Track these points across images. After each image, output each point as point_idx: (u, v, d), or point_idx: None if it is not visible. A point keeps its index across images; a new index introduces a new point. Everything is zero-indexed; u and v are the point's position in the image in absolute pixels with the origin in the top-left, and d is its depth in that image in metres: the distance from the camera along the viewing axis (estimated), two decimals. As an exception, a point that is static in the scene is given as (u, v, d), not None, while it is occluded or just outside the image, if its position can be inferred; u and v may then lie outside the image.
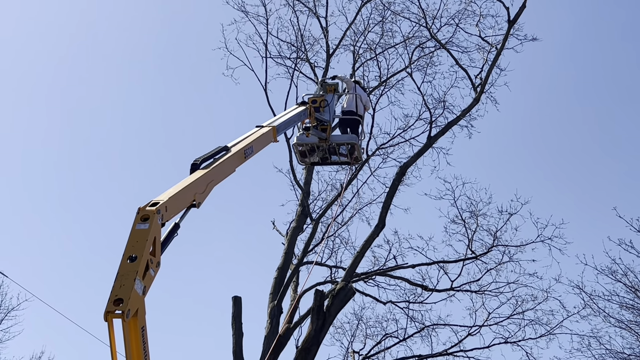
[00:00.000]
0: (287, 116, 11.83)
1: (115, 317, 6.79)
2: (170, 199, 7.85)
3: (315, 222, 21.02)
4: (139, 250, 7.19)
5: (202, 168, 8.90)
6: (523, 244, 21.09)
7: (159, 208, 7.56)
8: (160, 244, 7.55)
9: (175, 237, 8.04)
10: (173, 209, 7.92)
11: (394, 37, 22.29)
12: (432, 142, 20.24)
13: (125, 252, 7.19)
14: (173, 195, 7.94)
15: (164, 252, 7.75)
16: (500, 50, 19.98)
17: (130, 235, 7.32)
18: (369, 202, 22.63)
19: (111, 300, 6.82)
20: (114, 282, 6.98)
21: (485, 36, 20.89)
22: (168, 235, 7.94)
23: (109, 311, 6.78)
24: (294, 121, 12.10)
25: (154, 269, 7.36)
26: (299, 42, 22.00)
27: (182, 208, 8.20)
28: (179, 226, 8.13)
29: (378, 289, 21.66)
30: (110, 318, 6.78)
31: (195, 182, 8.51)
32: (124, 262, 7.12)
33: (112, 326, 6.81)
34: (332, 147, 13.67)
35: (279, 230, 22.24)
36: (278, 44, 22.17)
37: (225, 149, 9.55)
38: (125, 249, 7.22)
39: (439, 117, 21.01)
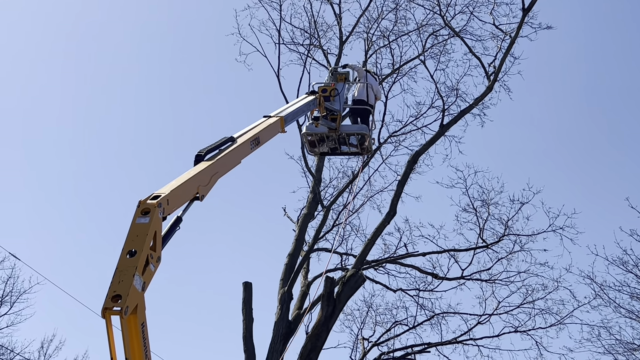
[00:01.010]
0: (296, 106, 11.53)
1: (113, 313, 6.54)
2: (173, 191, 7.58)
3: (327, 210, 20.82)
4: (139, 245, 6.93)
5: (207, 159, 8.61)
6: (534, 233, 20.93)
7: (160, 201, 7.28)
8: (161, 239, 7.29)
9: (177, 231, 7.77)
10: (175, 202, 7.64)
11: (408, 24, 21.94)
12: (445, 131, 19.97)
13: (125, 246, 6.93)
14: (175, 188, 7.66)
15: (165, 247, 7.49)
16: (514, 38, 19.61)
17: (130, 230, 7.06)
18: (380, 190, 22.46)
19: (109, 297, 6.57)
20: (112, 277, 6.73)
21: (499, 24, 20.52)
22: (169, 229, 7.66)
23: (106, 308, 6.53)
24: (302, 111, 11.80)
25: (154, 264, 7.10)
26: (312, 28, 21.70)
27: (184, 201, 7.93)
28: (182, 220, 7.86)
29: (388, 276, 21.59)
30: (108, 315, 6.53)
31: (199, 174, 8.23)
32: (123, 257, 6.87)
33: (110, 323, 6.58)
34: (342, 137, 13.38)
35: (290, 217, 22.07)
36: (291, 30, 21.98)
37: (231, 140, 9.26)
38: (124, 243, 6.96)
39: (452, 105, 20.70)
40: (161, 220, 7.30)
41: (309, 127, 13.35)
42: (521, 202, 20.90)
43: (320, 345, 16.88)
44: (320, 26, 21.91)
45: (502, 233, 20.96)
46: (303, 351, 16.79)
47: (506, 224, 20.93)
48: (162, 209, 7.28)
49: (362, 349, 21.72)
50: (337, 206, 22.00)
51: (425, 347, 21.06)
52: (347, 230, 22.17)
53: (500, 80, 20.23)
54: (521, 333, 21.05)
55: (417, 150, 19.66)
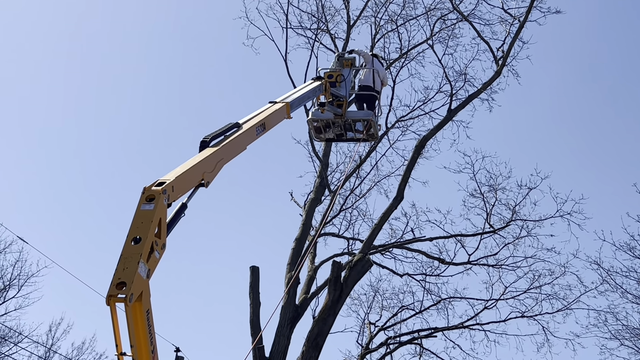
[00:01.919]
0: (302, 92, 11.48)
1: (118, 301, 6.54)
2: (178, 178, 7.56)
3: (333, 194, 20.80)
4: (144, 232, 6.91)
5: (212, 146, 8.58)
6: (542, 218, 20.91)
7: (165, 188, 7.26)
8: (166, 226, 7.28)
9: (182, 217, 7.76)
10: (180, 188, 7.62)
11: (416, 8, 21.88)
12: (452, 115, 19.89)
13: (130, 233, 6.92)
14: (180, 175, 7.64)
15: (171, 234, 7.49)
16: (523, 22, 19.48)
17: (135, 216, 7.05)
18: (387, 175, 22.42)
19: (114, 284, 6.57)
20: (117, 264, 6.73)
21: (508, 8, 20.38)
22: (174, 216, 7.65)
23: (111, 295, 6.52)
24: (308, 97, 11.75)
25: (159, 251, 7.10)
26: (320, 12, 21.59)
27: (189, 188, 7.90)
28: (187, 206, 7.84)
29: (395, 261, 21.61)
30: (112, 302, 6.53)
31: (204, 161, 8.21)
32: (127, 244, 6.86)
33: (114, 310, 6.58)
34: (347, 123, 13.32)
35: (297, 201, 22.07)
36: (299, 14, 21.85)
37: (237, 126, 9.23)
38: (129, 230, 6.95)
39: (460, 90, 20.62)
40: (166, 207, 7.29)
41: (314, 113, 13.30)
42: (529, 188, 20.88)
43: (327, 330, 16.93)
44: (328, 10, 21.82)
45: (509, 218, 20.95)
46: (310, 335, 16.84)
47: (513, 209, 20.92)
48: (167, 195, 7.26)
49: (368, 334, 21.78)
50: (344, 191, 22.00)
51: (431, 332, 21.11)
52: (354, 215, 22.19)
53: (508, 65, 20.12)
54: (528, 318, 21.08)
55: (425, 135, 19.59)
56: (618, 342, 20.86)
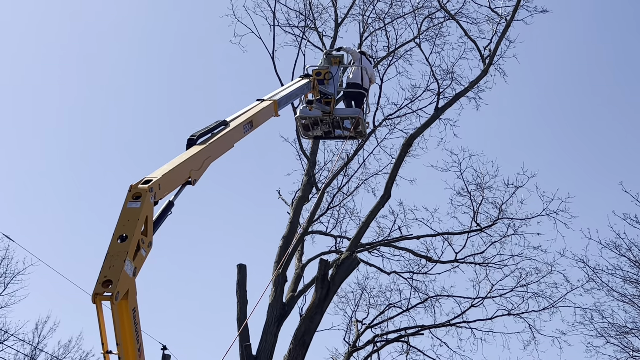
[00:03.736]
0: (290, 89, 11.44)
1: (104, 299, 6.49)
2: (164, 176, 7.51)
3: (321, 192, 20.76)
4: (130, 230, 6.87)
5: (199, 144, 8.53)
6: (528, 217, 20.99)
7: (152, 186, 7.22)
8: (152, 224, 7.23)
9: (168, 215, 7.71)
10: (167, 186, 7.58)
11: (403, 6, 21.89)
12: (440, 114, 19.88)
13: (116, 231, 6.87)
14: (167, 173, 7.59)
15: (157, 232, 7.44)
16: (510, 21, 19.52)
17: (121, 214, 7.00)
18: (374, 173, 22.48)
19: (100, 282, 6.52)
20: (103, 262, 6.67)
21: (495, 7, 20.40)
22: (161, 214, 7.60)
23: (97, 293, 6.47)
24: (296, 94, 11.71)
25: (145, 249, 7.05)
26: (307, 10, 21.55)
27: (176, 185, 7.86)
28: (173, 204, 7.79)
29: (382, 259, 21.67)
30: (98, 300, 6.48)
31: (191, 159, 8.16)
32: (114, 242, 6.81)
33: (100, 308, 6.53)
34: (335, 121, 13.29)
35: (284, 199, 22.08)
36: (286, 11, 21.79)
37: (224, 124, 9.18)
38: (115, 228, 6.90)
39: (447, 88, 20.65)
40: (152, 204, 7.24)
41: (302, 111, 13.26)
42: (515, 186, 20.95)
43: (314, 328, 16.90)
44: (316, 8, 21.80)
45: (496, 216, 21.01)
46: (297, 333, 16.81)
47: (500, 207, 20.98)
48: (153, 193, 7.22)
49: (355, 331, 21.78)
50: (332, 189, 21.99)
51: (418, 330, 21.14)
52: (341, 213, 22.18)
53: (495, 63, 20.18)
54: (514, 316, 21.14)
55: (412, 134, 19.58)
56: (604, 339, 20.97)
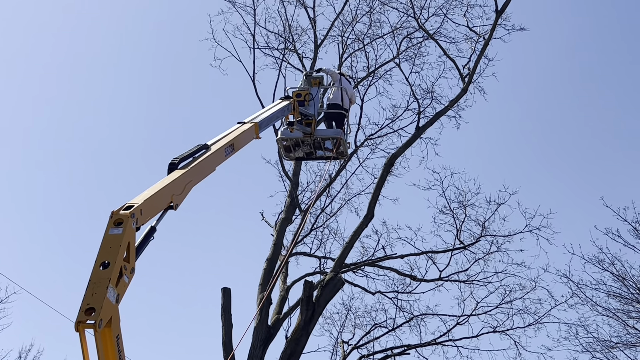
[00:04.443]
0: (271, 111, 11.48)
1: (87, 327, 6.46)
2: (146, 201, 7.51)
3: (304, 213, 20.76)
4: (112, 257, 6.86)
5: (180, 168, 8.54)
6: (511, 233, 21.02)
7: (134, 212, 7.22)
8: (134, 250, 7.22)
9: (151, 241, 7.70)
10: (149, 212, 7.58)
11: (382, 27, 22.00)
12: (421, 133, 20.02)
13: (98, 258, 6.86)
14: (149, 198, 7.59)
15: (139, 258, 7.42)
16: (488, 40, 19.73)
17: (103, 241, 6.99)
18: (357, 193, 22.50)
19: (82, 310, 6.49)
20: (85, 289, 6.65)
21: (473, 26, 20.65)
22: (143, 239, 7.60)
23: (80, 321, 6.45)
24: (277, 116, 11.76)
25: (128, 275, 7.03)
26: (287, 32, 21.68)
27: (158, 211, 7.86)
28: (155, 230, 7.80)
29: (367, 279, 21.55)
30: (81, 328, 6.45)
31: (172, 183, 8.16)
32: (96, 269, 6.79)
33: (84, 336, 6.49)
34: (317, 142, 13.36)
35: (267, 221, 22.01)
36: (266, 34, 21.92)
37: (205, 148, 9.21)
38: (97, 255, 6.89)
39: (427, 107, 20.81)
40: (134, 230, 7.24)
41: (283, 132, 13.32)
42: (497, 203, 21.02)
43: (300, 350, 16.81)
44: (295, 30, 21.92)
45: (479, 234, 21.03)
46: (283, 356, 16.71)
47: (483, 225, 21.01)
48: (135, 219, 7.22)
49: (342, 353, 21.68)
50: (315, 210, 21.98)
51: (404, 349, 21.06)
52: (325, 234, 22.16)
53: (474, 82, 20.34)
54: (500, 333, 21.11)
55: (394, 153, 19.68)
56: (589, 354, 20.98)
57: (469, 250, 21.05)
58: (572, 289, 20.95)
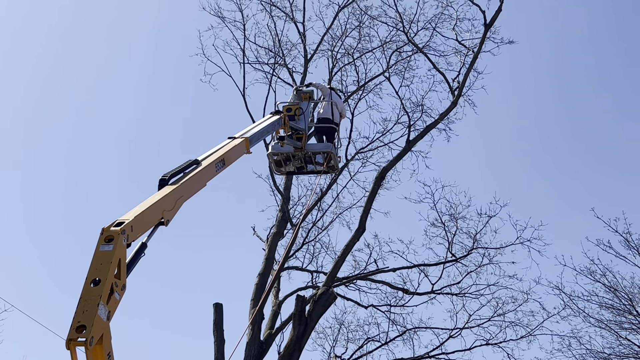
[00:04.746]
0: (261, 126, 11.51)
1: (78, 344, 6.43)
2: (137, 217, 7.50)
3: (296, 228, 20.75)
4: (103, 274, 6.84)
5: (171, 184, 8.54)
6: (502, 246, 21.03)
7: (124, 228, 7.20)
8: (125, 266, 7.20)
9: (142, 257, 7.69)
10: (139, 228, 7.56)
11: (372, 41, 22.11)
12: (411, 146, 20.12)
13: (89, 275, 6.83)
14: (139, 214, 7.58)
15: (130, 274, 7.40)
16: (477, 53, 19.89)
17: (94, 258, 6.97)
18: (349, 207, 22.45)
19: (73, 327, 6.46)
20: (76, 307, 6.62)
21: (462, 40, 20.79)
22: (134, 256, 7.59)
23: (71, 339, 6.41)
24: (268, 131, 11.79)
25: (119, 292, 7.01)
26: (277, 47, 21.77)
27: (149, 227, 7.85)
28: (146, 246, 7.78)
29: (359, 293, 21.52)
30: (72, 346, 6.41)
31: (163, 199, 8.15)
32: (87, 286, 6.77)
33: (74, 354, 6.45)
34: (307, 156, 13.39)
35: (259, 236, 21.99)
36: (256, 49, 21.93)
37: (196, 163, 9.22)
38: (88, 272, 6.87)
39: (418, 120, 20.93)
40: (125, 247, 7.23)
41: (274, 147, 13.34)
42: (489, 216, 21.05)
43: (293, 365, 16.75)
44: (285, 45, 22.00)
45: (470, 247, 21.04)
46: (275, 371, 16.67)
47: (474, 237, 21.03)
48: (126, 235, 7.20)
49: (335, 367, 21.62)
50: (307, 224, 21.98)
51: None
52: (316, 248, 22.15)
53: (464, 95, 20.48)
54: (493, 346, 21.06)
55: (385, 167, 19.76)
56: (583, 366, 20.99)
57: (461, 263, 21.08)
58: (564, 301, 21.02)
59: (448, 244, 20.99)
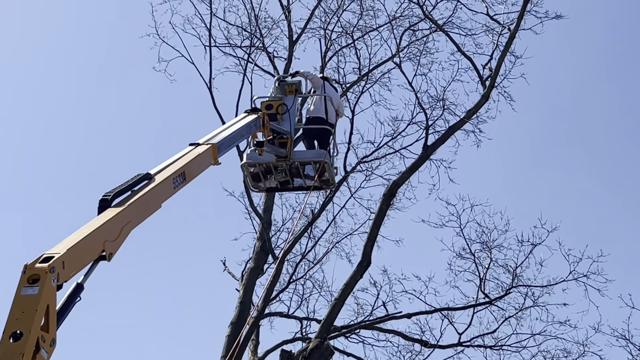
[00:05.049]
0: (233, 128, 11.50)
1: None
2: (70, 250, 7.45)
3: (279, 261, 20.75)
4: (26, 325, 6.79)
5: (115, 206, 8.52)
6: (551, 283, 21.11)
7: (54, 265, 7.16)
8: (55, 315, 7.16)
9: (77, 302, 7.65)
10: (74, 264, 7.52)
11: (377, 17, 22.22)
12: (430, 153, 20.18)
13: (7, 327, 6.78)
14: (73, 246, 7.54)
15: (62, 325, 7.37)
16: (515, 31, 19.97)
17: (14, 304, 6.92)
18: (348, 233, 22.57)
19: None
20: (-9, 369, 6.60)
21: (494, 14, 20.93)
22: (67, 301, 7.54)
23: None
24: (242, 135, 11.77)
25: (47, 348, 6.96)
26: (253, 25, 21.85)
27: (86, 262, 7.81)
28: (83, 287, 7.73)
29: (364, 345, 21.55)
30: None
31: (104, 226, 8.11)
32: (5, 341, 6.71)
33: None
34: (294, 168, 13.40)
35: (231, 272, 22.06)
36: (225, 28, 22.01)
37: (147, 178, 9.19)
38: (6, 322, 6.82)
39: (438, 120, 21.07)
40: (55, 289, 7.18)
41: (250, 156, 13.35)
42: (532, 244, 21.13)
43: None
44: (264, 22, 22.12)
45: (509, 284, 21.12)
46: None
47: (514, 272, 21.10)
48: (55, 274, 7.16)
49: None
50: (294, 256, 21.99)
51: None
52: (307, 288, 22.16)
53: (498, 86, 20.53)
54: (539, 413, 21.14)
55: (395, 180, 19.82)
56: None
57: (497, 306, 21.15)
58: (632, 354, 21.02)
59: (479, 281, 21.07)
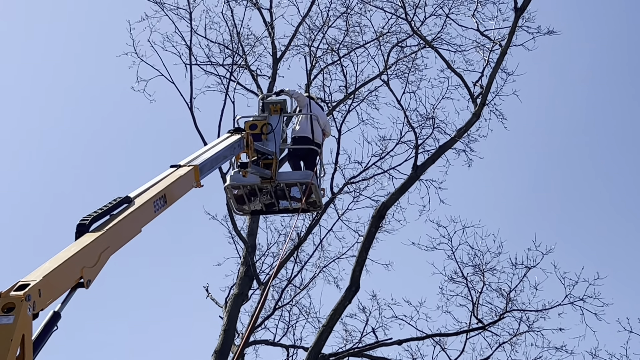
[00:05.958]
0: (216, 149, 11.52)
1: None
2: (46, 278, 7.43)
3: (265, 287, 20.73)
4: (1, 355, 6.77)
5: (93, 231, 8.50)
6: (546, 307, 21.11)
7: (29, 293, 7.13)
8: (31, 345, 7.13)
9: (54, 332, 7.62)
10: (50, 292, 7.50)
11: (364, 33, 22.31)
12: (420, 173, 20.27)
13: (-20, 358, 6.77)
14: (49, 273, 7.52)
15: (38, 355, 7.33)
16: (506, 47, 20.11)
17: (-13, 334, 6.90)
18: (336, 257, 22.56)
19: None
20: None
21: (485, 30, 21.02)
22: (43, 330, 7.52)
23: None
24: (225, 156, 11.79)
25: (22, 381, 6.94)
26: (235, 43, 21.88)
27: (64, 290, 7.79)
28: (60, 316, 7.72)
29: (353, 374, 21.42)
30: None
31: (82, 252, 8.09)
32: None
33: None
34: (280, 189, 13.41)
35: (214, 299, 21.95)
36: (207, 45, 22.05)
37: (127, 202, 9.19)
38: (-21, 354, 6.80)
39: (427, 138, 21.13)
40: (31, 318, 7.16)
41: (234, 178, 13.36)
42: (527, 267, 21.17)
43: None
44: (246, 39, 22.13)
45: (502, 309, 21.13)
46: None
47: (508, 296, 21.12)
48: (31, 302, 7.13)
49: None
50: (280, 281, 21.96)
51: None
52: (293, 314, 22.11)
53: (490, 103, 20.61)
54: None
55: (384, 202, 19.90)
56: None
57: (490, 331, 21.15)
58: (631, 380, 21.01)
59: (472, 306, 21.08)
